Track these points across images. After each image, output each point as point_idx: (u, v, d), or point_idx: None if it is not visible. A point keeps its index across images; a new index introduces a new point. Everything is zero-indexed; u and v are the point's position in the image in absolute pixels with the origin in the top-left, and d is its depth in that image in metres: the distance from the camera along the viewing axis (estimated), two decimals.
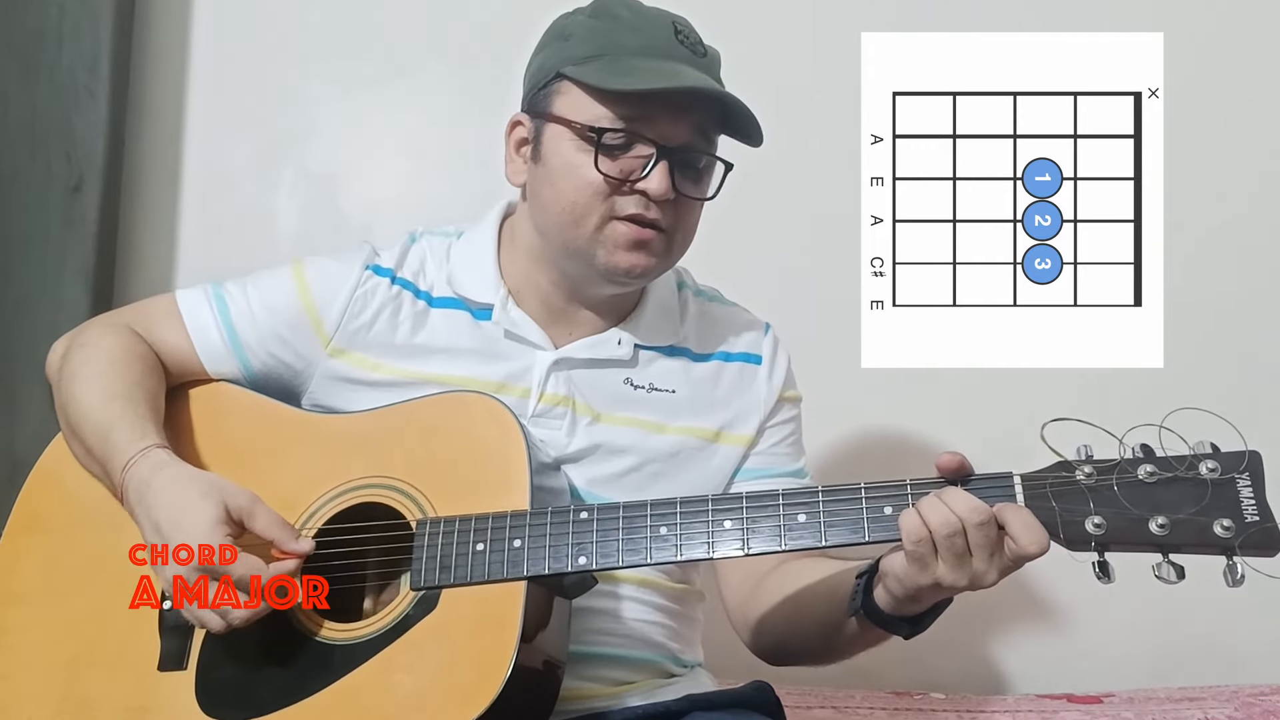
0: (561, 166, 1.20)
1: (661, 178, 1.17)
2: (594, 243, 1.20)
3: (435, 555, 1.09)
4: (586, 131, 1.18)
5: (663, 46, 1.19)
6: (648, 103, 1.17)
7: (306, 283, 1.28)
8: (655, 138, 1.17)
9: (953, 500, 0.98)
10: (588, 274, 1.24)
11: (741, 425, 1.31)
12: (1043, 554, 0.97)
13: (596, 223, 1.19)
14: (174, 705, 1.11)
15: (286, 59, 2.11)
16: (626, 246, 1.20)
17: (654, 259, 1.21)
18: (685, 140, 1.19)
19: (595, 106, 1.18)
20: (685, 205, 1.22)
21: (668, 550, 1.06)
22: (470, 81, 2.10)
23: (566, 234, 1.21)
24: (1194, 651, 1.94)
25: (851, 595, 1.11)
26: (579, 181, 1.19)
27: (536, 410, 1.24)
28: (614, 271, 1.21)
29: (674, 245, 1.23)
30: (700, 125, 1.20)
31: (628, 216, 1.19)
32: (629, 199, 1.19)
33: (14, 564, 1.24)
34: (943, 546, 0.98)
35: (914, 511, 0.99)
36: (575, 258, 1.23)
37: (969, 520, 0.97)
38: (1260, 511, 0.95)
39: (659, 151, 1.17)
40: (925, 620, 1.09)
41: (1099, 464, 0.99)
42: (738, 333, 1.35)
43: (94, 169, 1.96)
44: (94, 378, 1.21)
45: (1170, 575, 0.96)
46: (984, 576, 0.99)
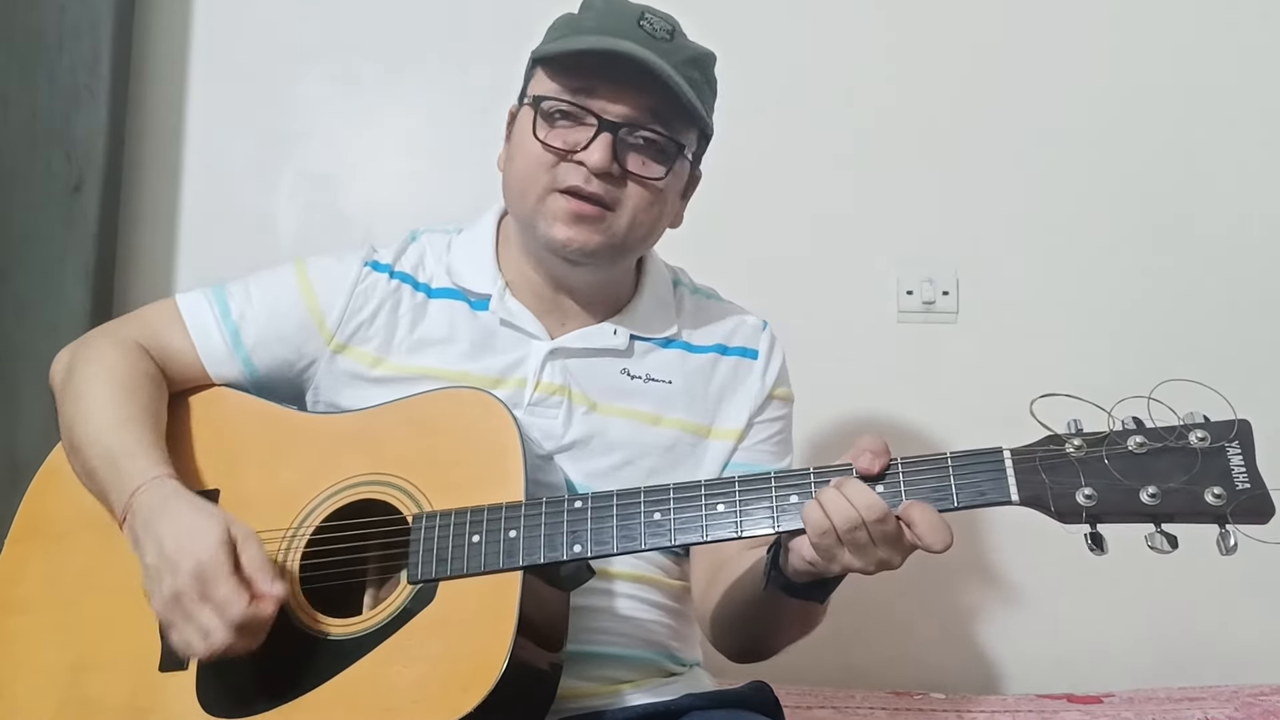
0: (518, 140, 1.25)
1: (600, 150, 1.19)
2: (536, 213, 1.23)
3: (432, 549, 1.10)
4: (533, 102, 1.22)
5: (619, 27, 1.21)
6: (589, 74, 1.19)
7: (309, 282, 1.29)
8: (598, 111, 1.19)
9: (852, 495, 0.99)
10: (540, 250, 1.26)
11: (732, 419, 1.32)
12: (945, 551, 0.98)
13: (539, 193, 1.22)
14: (175, 705, 1.12)
15: (286, 59, 2.12)
16: (564, 219, 1.21)
17: (597, 236, 1.22)
18: (631, 117, 1.20)
19: (548, 83, 1.22)
20: (636, 186, 1.22)
21: (662, 536, 1.06)
22: (470, 81, 2.10)
23: (516, 206, 1.25)
24: (1194, 651, 1.94)
25: (765, 569, 1.12)
26: (526, 151, 1.22)
27: (533, 399, 1.25)
28: (552, 243, 1.22)
29: (623, 225, 1.23)
30: (653, 106, 1.21)
31: (567, 189, 1.20)
32: (570, 170, 1.20)
33: (16, 571, 1.25)
34: (846, 539, 0.99)
35: (816, 504, 1.01)
36: (528, 233, 1.26)
37: (867, 517, 0.98)
38: (1251, 479, 0.94)
39: (600, 124, 1.19)
40: (834, 584, 1.10)
41: (1089, 436, 0.98)
42: (735, 327, 1.36)
43: (94, 169, 1.97)
44: (102, 399, 1.21)
45: (1163, 545, 0.96)
46: (889, 561, 1.01)
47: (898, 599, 1.95)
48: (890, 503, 1.00)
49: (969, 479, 1.01)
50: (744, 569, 1.21)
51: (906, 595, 1.95)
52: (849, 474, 1.03)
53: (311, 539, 1.15)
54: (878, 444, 1.03)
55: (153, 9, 2.11)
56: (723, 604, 1.25)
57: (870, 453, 1.02)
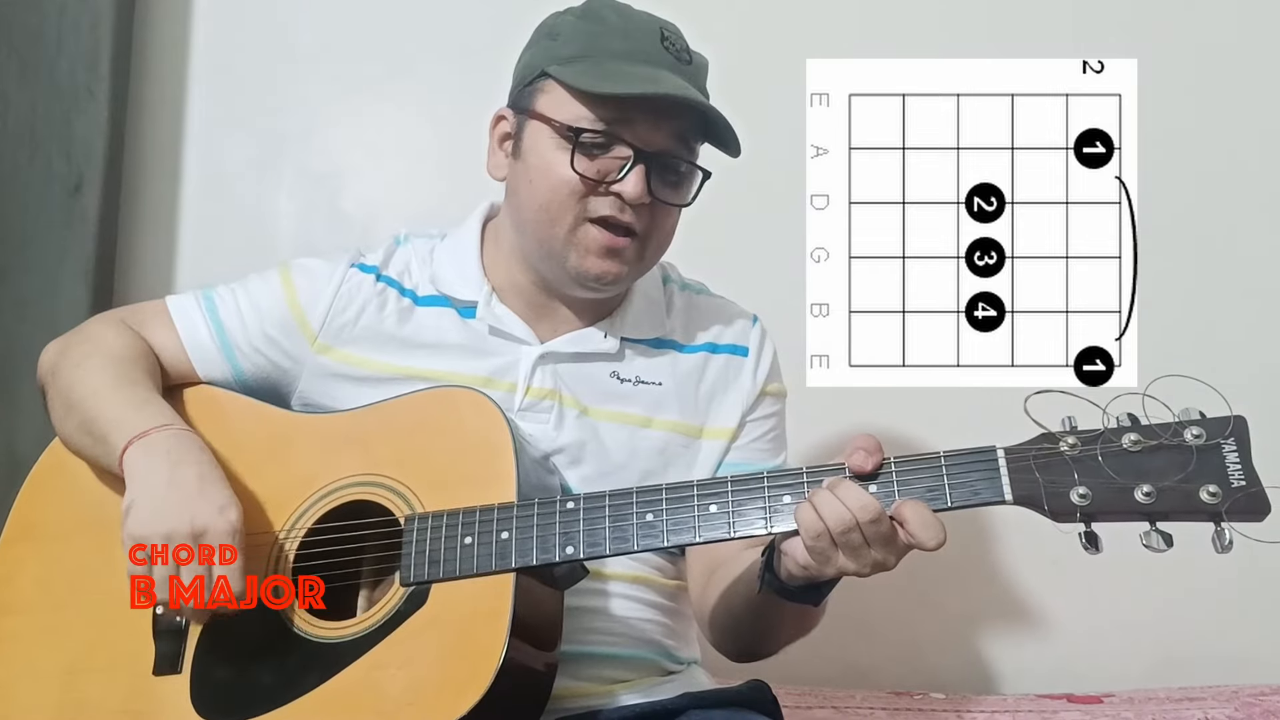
0: (539, 164, 1.21)
1: (637, 181, 1.18)
2: (567, 245, 1.21)
3: (424, 550, 1.10)
4: (566, 130, 1.19)
5: (648, 52, 1.20)
6: (627, 106, 1.18)
7: (292, 282, 1.30)
8: (634, 141, 1.18)
9: (845, 496, 0.99)
10: (560, 276, 1.24)
11: (724, 419, 1.31)
12: (939, 548, 0.98)
13: (570, 223, 1.20)
14: (169, 708, 1.12)
15: (286, 59, 2.11)
16: (598, 252, 1.21)
17: (625, 266, 1.22)
18: (664, 146, 1.20)
19: (576, 106, 1.19)
20: (661, 211, 1.23)
21: (654, 537, 1.06)
22: (470, 82, 2.09)
23: (541, 233, 1.22)
24: (1194, 651, 1.93)
25: (759, 572, 1.11)
26: (554, 179, 1.20)
27: (523, 404, 1.24)
28: (584, 277, 1.22)
29: (647, 252, 1.24)
30: (680, 132, 1.21)
31: (600, 219, 1.20)
32: (603, 200, 1.20)
33: (10, 573, 1.25)
34: (840, 541, 0.99)
35: (809, 507, 1.00)
36: (549, 259, 1.24)
37: (861, 518, 0.98)
38: (1246, 476, 0.94)
39: (636, 155, 1.18)
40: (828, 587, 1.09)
41: (1083, 434, 0.98)
42: (725, 324, 1.35)
43: (94, 169, 1.97)
44: (105, 365, 1.22)
45: (1159, 544, 0.95)
46: (884, 563, 1.01)
47: (897, 599, 1.94)
48: (884, 503, 0.99)
49: (962, 478, 1.00)
50: (740, 571, 1.21)
51: (906, 595, 1.95)
52: (841, 473, 1.03)
53: (304, 541, 1.15)
54: (870, 442, 1.03)
55: (153, 9, 2.10)
56: (719, 607, 1.25)
57: (863, 451, 1.02)
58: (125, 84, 2.07)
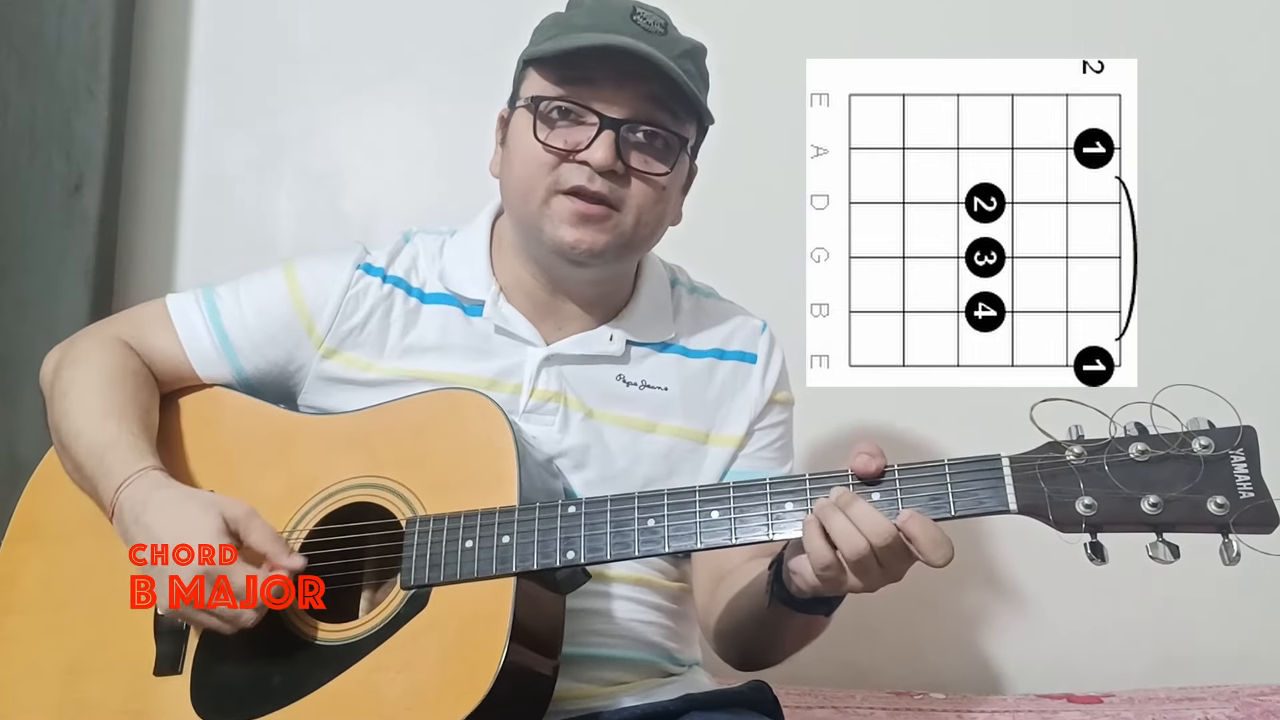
0: (515, 144, 1.23)
1: (603, 148, 1.17)
2: (541, 217, 1.21)
3: (425, 554, 1.09)
4: (529, 103, 1.20)
5: (612, 23, 1.19)
6: (587, 72, 1.18)
7: (298, 284, 1.29)
8: (599, 108, 1.18)
9: (860, 521, 0.98)
10: (545, 254, 1.24)
11: (731, 425, 1.30)
12: (947, 565, 0.98)
13: (542, 195, 1.20)
14: (170, 709, 1.12)
15: (286, 59, 2.11)
16: (570, 220, 1.19)
17: (605, 236, 1.20)
18: (633, 112, 1.19)
19: (542, 81, 1.20)
20: (641, 182, 1.21)
21: (656, 543, 1.05)
22: (470, 82, 2.09)
23: (519, 211, 1.23)
24: (1194, 651, 1.93)
25: (767, 585, 1.11)
26: (525, 154, 1.20)
27: (528, 406, 1.24)
28: (559, 246, 1.20)
29: (629, 224, 1.22)
30: (652, 97, 1.19)
31: (571, 189, 1.19)
32: (575, 170, 1.19)
33: (12, 573, 1.25)
34: (852, 567, 0.99)
35: (819, 532, 0.99)
36: (531, 238, 1.24)
37: (876, 544, 0.97)
38: (1255, 488, 0.92)
39: (603, 121, 1.18)
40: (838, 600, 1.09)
41: (1089, 444, 0.97)
42: (733, 330, 1.34)
43: (94, 169, 1.96)
44: (86, 395, 1.21)
45: (1165, 555, 0.94)
46: (894, 578, 1.01)
47: (897, 599, 1.91)
48: (887, 512, 0.98)
49: (967, 487, 0.99)
50: (746, 582, 1.20)
51: (906, 595, 1.91)
52: (846, 480, 1.02)
53: (306, 543, 1.15)
54: (873, 447, 1.02)
55: (153, 9, 2.10)
56: (725, 617, 1.24)
57: (866, 455, 1.01)
58: (125, 84, 2.06)
